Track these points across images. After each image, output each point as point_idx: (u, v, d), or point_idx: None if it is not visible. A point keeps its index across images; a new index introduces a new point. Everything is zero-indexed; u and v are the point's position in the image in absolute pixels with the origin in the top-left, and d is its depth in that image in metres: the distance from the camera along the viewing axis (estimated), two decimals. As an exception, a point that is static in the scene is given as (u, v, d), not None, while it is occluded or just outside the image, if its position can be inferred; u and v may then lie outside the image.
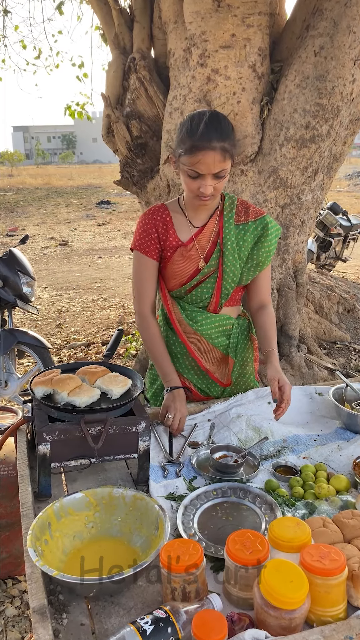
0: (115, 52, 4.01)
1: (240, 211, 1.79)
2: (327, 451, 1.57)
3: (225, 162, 1.58)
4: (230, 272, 1.77)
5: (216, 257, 1.77)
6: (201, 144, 1.53)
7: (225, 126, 1.58)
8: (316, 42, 3.11)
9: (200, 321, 1.82)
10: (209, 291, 1.80)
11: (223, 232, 1.76)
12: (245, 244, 1.78)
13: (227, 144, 1.56)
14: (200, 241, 1.77)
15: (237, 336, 1.88)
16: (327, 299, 5.09)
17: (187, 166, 1.58)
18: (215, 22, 3.18)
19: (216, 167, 1.56)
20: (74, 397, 1.39)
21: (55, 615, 1.02)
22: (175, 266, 1.79)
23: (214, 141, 1.53)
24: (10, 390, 3.63)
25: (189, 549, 1.01)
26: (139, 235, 1.81)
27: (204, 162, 1.55)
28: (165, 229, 1.79)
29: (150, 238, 1.79)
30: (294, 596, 0.90)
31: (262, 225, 1.79)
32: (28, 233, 10.06)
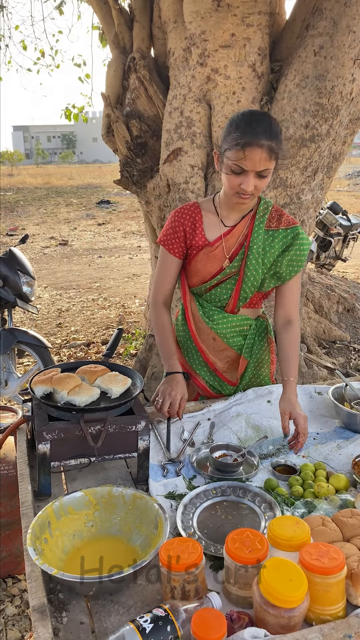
0: (115, 51, 4.01)
1: (273, 217, 1.78)
2: (326, 450, 1.57)
3: (271, 162, 1.57)
4: (251, 276, 1.76)
5: (239, 259, 1.76)
6: (250, 140, 1.53)
7: (275, 127, 1.58)
8: (316, 42, 3.11)
9: (217, 320, 1.83)
10: (228, 292, 1.80)
11: (251, 235, 1.75)
12: (272, 250, 1.76)
13: (274, 144, 1.55)
14: (228, 241, 1.76)
15: (254, 337, 1.88)
16: (326, 298, 5.09)
17: (232, 161, 1.58)
18: (215, 22, 3.18)
19: (261, 164, 1.56)
20: (74, 396, 1.40)
21: (55, 614, 1.02)
22: (199, 264, 1.79)
23: (262, 139, 1.53)
24: (10, 389, 3.63)
25: (188, 548, 1.01)
26: (166, 231, 1.83)
27: (250, 158, 1.54)
28: (194, 227, 1.79)
29: (177, 237, 1.81)
30: (293, 595, 0.90)
31: (292, 234, 1.77)
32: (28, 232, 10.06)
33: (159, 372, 3.76)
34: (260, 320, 1.92)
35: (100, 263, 9.70)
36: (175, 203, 3.61)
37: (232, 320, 1.83)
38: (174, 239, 1.81)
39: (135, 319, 6.16)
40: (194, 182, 3.53)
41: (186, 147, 3.49)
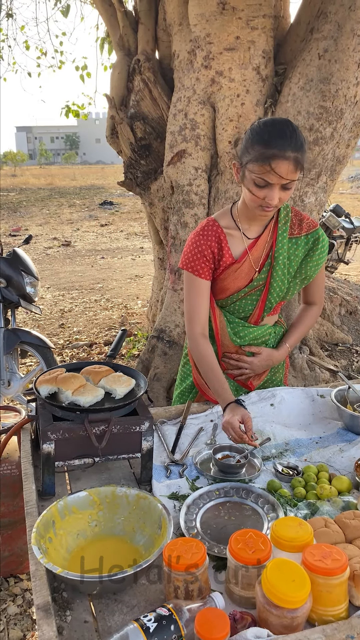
0: (119, 53, 4.03)
1: (294, 224, 1.75)
2: (328, 453, 1.58)
3: (296, 173, 1.53)
4: (277, 287, 1.74)
5: (266, 271, 1.74)
6: (276, 153, 1.48)
7: (300, 136, 1.52)
8: (320, 45, 3.12)
9: (243, 337, 1.81)
10: (253, 303, 1.78)
11: (276, 246, 1.72)
12: (296, 258, 1.75)
13: (300, 155, 1.51)
14: (253, 254, 1.73)
15: (272, 344, 1.89)
16: (329, 301, 5.10)
17: (256, 174, 1.52)
18: (220, 25, 3.19)
19: (288, 177, 1.51)
20: (79, 396, 1.40)
21: (59, 613, 1.03)
22: (227, 282, 1.74)
23: (288, 151, 1.48)
24: (13, 389, 3.64)
25: (192, 548, 1.02)
26: (191, 255, 1.73)
27: (277, 171, 1.49)
28: (220, 247, 1.72)
29: (205, 259, 1.72)
30: (296, 595, 0.90)
31: (313, 239, 1.75)
32: (31, 233, 10.09)
33: (160, 374, 3.77)
34: (278, 326, 1.91)
35: (103, 264, 9.72)
36: (179, 205, 3.62)
37: (256, 335, 1.82)
38: (201, 262, 1.71)
39: (137, 320, 6.17)
40: (197, 184, 3.54)
41: (190, 149, 3.50)
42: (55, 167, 53.13)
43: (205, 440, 1.65)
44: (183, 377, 2.02)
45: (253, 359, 1.82)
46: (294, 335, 1.89)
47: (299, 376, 3.85)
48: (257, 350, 1.82)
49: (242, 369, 1.84)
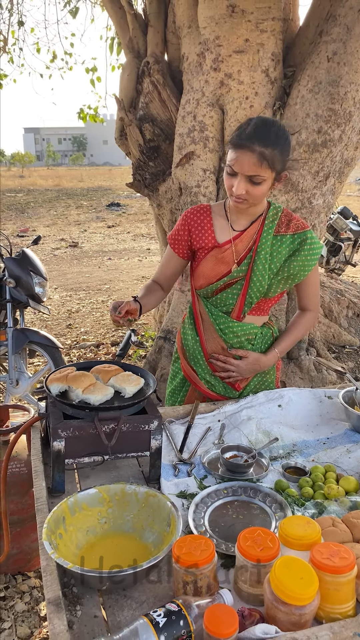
0: (129, 55, 4.05)
1: (282, 222, 1.78)
2: (336, 454, 1.58)
3: (262, 169, 1.57)
4: (257, 281, 1.77)
5: (247, 264, 1.77)
6: (242, 143, 1.56)
7: (274, 135, 1.57)
8: (329, 48, 3.13)
9: (224, 329, 1.84)
10: (234, 297, 1.81)
11: (259, 241, 1.76)
12: (279, 255, 1.77)
13: (268, 151, 1.55)
14: (237, 245, 1.78)
15: (260, 346, 1.90)
16: (336, 303, 5.09)
17: (228, 162, 1.61)
18: (229, 27, 3.21)
19: (250, 169, 1.57)
20: (89, 394, 1.42)
21: (70, 607, 1.04)
22: (208, 266, 1.80)
23: (255, 144, 1.54)
24: (21, 388, 3.66)
25: (200, 545, 1.03)
26: (174, 230, 1.89)
27: (240, 160, 1.57)
28: (201, 230, 1.82)
29: (181, 237, 1.86)
30: (304, 592, 0.91)
31: (299, 239, 1.77)
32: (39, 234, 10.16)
33: (167, 374, 3.78)
34: (266, 328, 1.92)
35: (110, 265, 9.75)
36: (187, 206, 3.64)
37: (239, 330, 1.84)
38: (178, 238, 1.86)
39: (144, 321, 6.19)
40: (205, 186, 3.56)
41: (198, 151, 3.52)
42: (62, 168, 53.33)
43: (213, 440, 1.66)
44: (173, 375, 2.05)
45: (240, 363, 1.84)
46: (285, 342, 1.90)
47: (306, 378, 3.85)
48: (244, 354, 1.84)
49: (230, 371, 1.86)
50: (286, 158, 1.63)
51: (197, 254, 1.85)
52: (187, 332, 1.95)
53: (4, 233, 4.02)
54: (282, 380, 3.77)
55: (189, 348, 1.94)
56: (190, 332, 1.93)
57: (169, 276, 1.95)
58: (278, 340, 1.91)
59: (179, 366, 2.01)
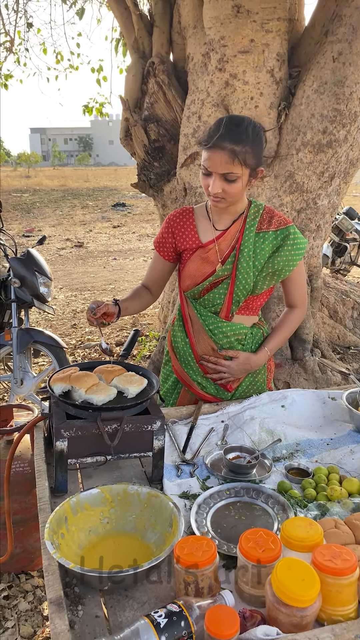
0: (134, 56, 4.05)
1: (264, 219, 1.80)
2: (339, 455, 1.58)
3: (234, 166, 1.59)
4: (242, 279, 1.77)
5: (231, 262, 1.78)
6: (213, 142, 1.58)
7: (244, 131, 1.59)
8: (335, 48, 3.12)
9: (213, 330, 1.84)
10: (222, 296, 1.82)
11: (242, 239, 1.78)
12: (262, 252, 1.77)
13: (239, 148, 1.57)
14: (220, 244, 1.79)
15: (251, 346, 1.89)
16: (341, 303, 5.08)
17: (202, 162, 1.64)
18: (235, 28, 3.20)
19: (223, 167, 1.59)
20: (92, 395, 1.42)
21: (71, 607, 1.04)
22: (193, 266, 1.82)
23: (225, 141, 1.57)
24: (26, 388, 3.67)
25: (202, 546, 1.03)
26: (159, 234, 1.92)
27: (212, 159, 1.60)
28: (185, 232, 1.84)
29: (165, 240, 1.88)
30: (306, 594, 0.91)
31: (282, 235, 1.78)
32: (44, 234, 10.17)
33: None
34: (256, 328, 1.92)
35: (115, 265, 9.76)
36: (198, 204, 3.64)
37: (228, 330, 1.83)
38: (163, 241, 1.89)
39: (148, 321, 6.19)
40: (210, 186, 3.55)
41: (203, 151, 3.52)
42: (68, 168, 53.45)
43: (216, 441, 1.66)
44: (165, 377, 2.05)
45: (230, 363, 1.84)
46: (274, 340, 1.90)
47: (310, 378, 3.85)
48: (234, 354, 1.84)
49: (221, 372, 1.86)
50: (259, 154, 1.65)
51: (183, 255, 1.87)
52: (177, 335, 1.95)
53: (10, 233, 4.04)
54: (286, 381, 3.76)
55: (179, 350, 1.94)
56: (180, 334, 1.93)
57: (156, 280, 1.98)
58: (267, 338, 1.92)
59: (170, 368, 2.01)
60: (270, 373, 2.01)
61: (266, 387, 1.99)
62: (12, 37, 6.83)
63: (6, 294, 3.86)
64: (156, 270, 1.96)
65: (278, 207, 3.46)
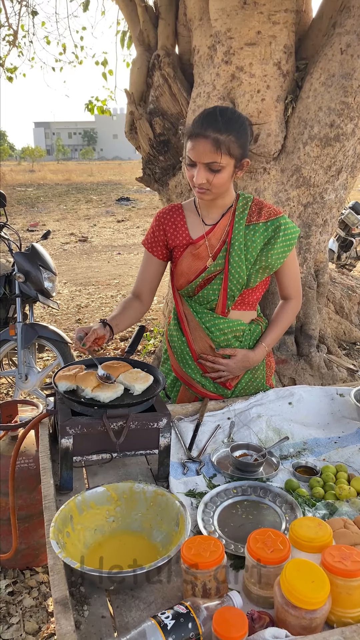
0: (139, 49, 4.01)
1: (253, 212, 1.77)
2: (347, 453, 1.56)
3: (218, 155, 1.57)
4: (235, 273, 1.75)
5: (222, 257, 1.76)
6: (196, 131, 1.57)
7: (228, 121, 1.57)
8: (343, 40, 3.07)
9: (210, 327, 1.82)
10: (216, 292, 1.79)
11: (232, 232, 1.75)
12: (253, 245, 1.75)
13: (222, 137, 1.55)
14: (210, 239, 1.77)
15: (249, 343, 1.87)
16: (347, 299, 5.05)
17: (187, 152, 1.62)
18: (241, 19, 3.16)
19: (206, 157, 1.57)
20: (99, 392, 1.41)
21: (77, 607, 1.03)
22: (185, 263, 1.80)
23: (208, 130, 1.55)
24: (30, 383, 3.66)
25: (210, 546, 1.02)
26: (148, 233, 1.88)
27: (195, 148, 1.58)
28: (175, 228, 1.81)
29: (157, 238, 1.85)
30: (315, 596, 0.89)
31: (273, 226, 1.76)
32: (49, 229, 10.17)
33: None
34: (254, 324, 1.89)
35: (119, 260, 9.74)
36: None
37: (225, 326, 1.81)
38: (154, 240, 1.85)
39: (153, 317, 6.17)
40: (216, 181, 3.52)
41: (209, 145, 3.48)
42: (72, 162, 53.35)
43: (223, 438, 1.64)
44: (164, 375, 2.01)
45: (229, 361, 1.82)
46: (271, 334, 1.88)
47: (316, 375, 3.82)
48: (232, 352, 1.82)
49: (219, 371, 1.84)
50: (244, 144, 1.62)
51: (174, 253, 1.84)
52: (173, 334, 1.93)
53: (14, 228, 4.02)
54: (292, 377, 3.74)
55: (176, 349, 1.92)
56: (176, 333, 1.91)
57: (148, 282, 1.91)
58: (264, 333, 1.89)
59: (169, 367, 1.99)
60: (269, 369, 1.99)
61: (265, 383, 1.97)
62: (15, 30, 6.79)
63: (10, 289, 3.84)
64: (149, 272, 1.90)
65: (284, 202, 3.43)
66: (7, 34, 6.77)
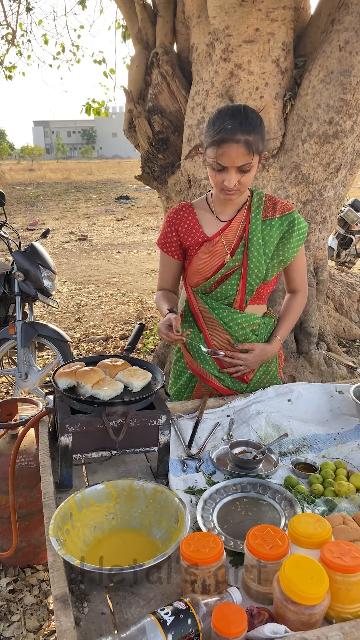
0: (138, 46, 4.01)
1: (268, 207, 1.79)
2: (347, 450, 1.56)
3: (250, 156, 1.57)
4: (254, 268, 1.77)
5: (241, 252, 1.77)
6: (225, 136, 1.54)
7: (252, 120, 1.57)
8: (341, 37, 3.07)
9: (228, 322, 1.82)
10: (234, 287, 1.80)
11: (249, 228, 1.76)
12: (271, 239, 1.77)
13: (252, 138, 1.55)
14: (227, 236, 1.77)
15: (264, 336, 1.89)
16: (347, 296, 5.04)
17: (212, 159, 1.59)
18: (239, 17, 3.16)
19: (239, 160, 1.56)
20: (98, 389, 1.41)
21: (77, 604, 1.03)
22: (200, 261, 1.80)
23: (238, 134, 1.53)
24: (30, 382, 3.67)
25: (209, 543, 1.02)
26: (162, 234, 1.88)
27: (227, 154, 1.55)
28: (188, 227, 1.81)
29: (170, 239, 1.85)
30: (314, 592, 0.90)
31: (288, 221, 1.79)
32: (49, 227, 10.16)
33: (177, 368, 3.77)
34: (267, 317, 1.92)
35: (119, 258, 9.74)
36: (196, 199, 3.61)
37: (243, 321, 1.82)
38: (168, 240, 1.85)
39: (153, 315, 6.17)
40: (215, 178, 3.52)
41: (208, 142, 3.48)
42: (72, 161, 53.31)
43: (222, 436, 1.64)
44: (178, 374, 2.02)
45: (247, 356, 1.83)
46: (284, 327, 1.92)
47: (316, 372, 3.82)
48: (250, 346, 1.83)
49: (237, 366, 1.85)
50: (264, 138, 1.63)
51: (188, 252, 1.85)
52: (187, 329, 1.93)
53: (13, 226, 4.02)
54: (292, 374, 3.74)
55: (192, 347, 1.91)
56: (192, 330, 1.91)
57: (171, 281, 1.95)
58: (277, 327, 1.92)
59: (184, 365, 1.98)
60: (281, 362, 2.02)
61: (278, 375, 1.99)
62: (13, 29, 6.78)
63: (10, 288, 3.85)
64: (168, 272, 1.93)
65: (283, 199, 3.42)
66: (6, 32, 6.77)
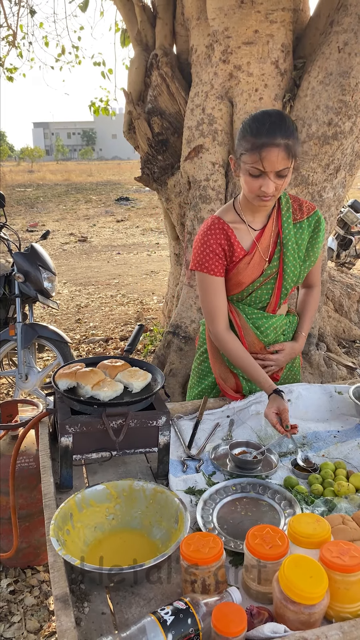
0: (137, 48, 4.02)
1: (295, 209, 1.78)
2: (346, 449, 1.57)
3: (289, 160, 1.55)
4: (290, 272, 1.76)
5: (277, 258, 1.76)
6: (266, 141, 1.51)
7: (290, 124, 1.55)
8: (340, 38, 3.08)
9: (264, 330, 1.81)
10: (269, 292, 1.79)
11: (283, 233, 1.75)
12: (303, 242, 1.77)
13: (290, 142, 1.53)
14: (262, 244, 1.74)
15: (289, 334, 1.91)
16: (347, 297, 5.05)
17: (250, 165, 1.55)
18: (239, 18, 3.17)
19: (280, 164, 1.54)
20: (98, 390, 1.41)
21: (77, 604, 1.04)
22: (241, 276, 1.74)
23: (278, 138, 1.51)
24: (31, 383, 3.67)
25: (209, 543, 1.02)
26: (202, 255, 1.73)
27: (268, 159, 1.52)
28: (230, 243, 1.73)
29: (217, 257, 1.72)
30: (314, 591, 0.90)
31: (314, 221, 1.80)
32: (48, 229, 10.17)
33: (176, 369, 3.77)
34: (292, 315, 1.94)
35: (119, 260, 9.74)
36: (195, 200, 3.61)
37: (276, 325, 1.83)
38: (213, 259, 1.71)
39: (153, 316, 6.18)
40: (214, 179, 3.53)
41: (207, 144, 3.49)
42: (72, 162, 53.35)
43: (222, 436, 1.65)
44: (201, 375, 2.01)
45: (278, 356, 1.85)
46: (306, 322, 1.94)
47: (315, 373, 3.83)
48: (280, 347, 1.85)
49: (268, 366, 1.86)
50: (299, 143, 1.62)
51: (228, 267, 1.76)
52: None
53: (13, 228, 4.02)
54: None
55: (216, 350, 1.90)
56: None
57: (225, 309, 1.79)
58: (300, 323, 1.94)
59: (208, 368, 1.96)
60: (301, 357, 2.04)
61: (299, 370, 2.03)
62: (14, 30, 6.79)
63: (10, 289, 3.85)
64: (221, 294, 1.76)
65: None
66: (6, 34, 6.78)
